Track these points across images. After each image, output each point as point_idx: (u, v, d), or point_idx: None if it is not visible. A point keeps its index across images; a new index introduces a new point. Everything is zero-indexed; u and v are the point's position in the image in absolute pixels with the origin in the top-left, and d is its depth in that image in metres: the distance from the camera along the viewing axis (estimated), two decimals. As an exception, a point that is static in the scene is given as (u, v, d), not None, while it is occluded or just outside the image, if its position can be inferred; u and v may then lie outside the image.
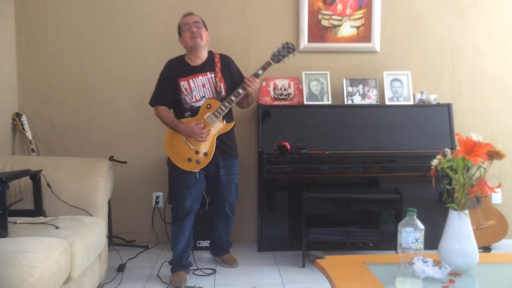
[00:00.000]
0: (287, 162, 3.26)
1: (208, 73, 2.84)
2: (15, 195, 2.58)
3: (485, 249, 3.35)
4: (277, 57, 2.86)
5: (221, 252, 3.17)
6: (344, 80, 3.55)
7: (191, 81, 2.83)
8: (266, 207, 3.37)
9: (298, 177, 3.29)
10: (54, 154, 3.55)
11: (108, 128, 3.61)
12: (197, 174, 2.77)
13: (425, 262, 1.65)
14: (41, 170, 2.54)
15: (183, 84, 2.82)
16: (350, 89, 3.55)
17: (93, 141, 3.60)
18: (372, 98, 3.54)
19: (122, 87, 3.60)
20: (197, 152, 2.76)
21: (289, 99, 3.55)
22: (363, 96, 3.55)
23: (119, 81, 3.59)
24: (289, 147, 3.24)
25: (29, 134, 3.35)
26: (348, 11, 3.62)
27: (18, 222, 2.30)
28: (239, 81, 2.88)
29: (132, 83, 3.60)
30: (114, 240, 3.43)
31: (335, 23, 3.63)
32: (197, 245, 3.39)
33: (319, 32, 3.63)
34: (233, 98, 2.79)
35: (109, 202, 2.83)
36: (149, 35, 3.59)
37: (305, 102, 3.49)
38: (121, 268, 3.00)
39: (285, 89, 3.55)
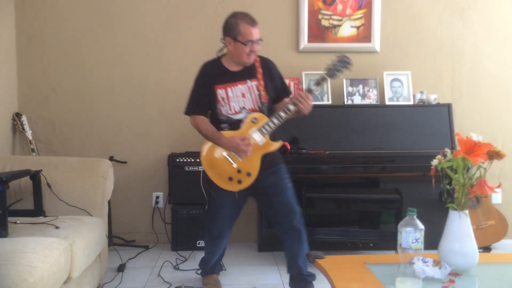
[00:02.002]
0: (287, 162, 3.21)
1: (248, 80, 2.51)
2: (15, 195, 2.58)
3: (485, 249, 3.35)
4: (332, 71, 2.53)
5: (303, 285, 2.64)
6: (344, 80, 3.54)
7: (229, 89, 2.50)
8: (266, 207, 3.37)
9: (298, 177, 3.28)
10: (54, 154, 3.55)
11: (108, 128, 3.61)
12: (236, 194, 2.47)
13: (425, 262, 1.65)
14: (41, 170, 2.54)
15: (220, 92, 2.50)
16: (350, 89, 3.55)
17: (93, 141, 3.60)
18: (372, 98, 3.54)
19: (122, 87, 3.60)
20: (239, 171, 2.45)
21: (289, 99, 3.54)
22: (363, 96, 3.55)
23: (119, 81, 3.60)
24: (289, 147, 3.24)
25: (29, 134, 3.35)
26: (348, 11, 3.62)
27: (18, 222, 2.30)
28: (281, 89, 2.64)
29: (132, 83, 3.60)
30: (114, 240, 3.43)
31: (335, 23, 3.63)
32: (197, 245, 3.39)
33: (319, 32, 3.63)
34: (282, 114, 2.43)
35: (109, 202, 2.83)
36: (149, 35, 3.59)
37: (305, 102, 3.49)
38: (121, 268, 3.00)
39: (285, 89, 3.54)
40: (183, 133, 3.62)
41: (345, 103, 3.53)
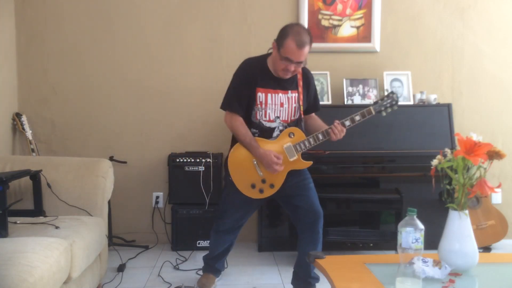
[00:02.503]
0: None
1: (289, 91, 2.46)
2: (15, 195, 2.58)
3: (485, 249, 3.35)
4: (379, 106, 2.50)
5: (305, 286, 2.63)
6: (344, 80, 3.55)
7: (269, 95, 2.43)
8: (266, 207, 3.37)
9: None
10: (54, 154, 3.55)
11: (108, 128, 3.61)
12: (254, 201, 2.49)
13: (425, 262, 1.65)
14: (41, 170, 2.54)
15: (260, 96, 2.42)
16: (350, 89, 3.55)
17: (93, 141, 3.60)
18: (372, 98, 3.54)
19: (122, 87, 3.60)
20: (263, 181, 2.43)
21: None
22: (363, 96, 3.55)
23: (119, 81, 3.60)
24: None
25: (29, 134, 3.35)
26: (348, 11, 3.62)
27: (18, 222, 2.30)
28: (313, 103, 2.61)
29: (132, 83, 3.60)
30: (114, 240, 3.43)
31: (335, 23, 3.63)
32: (197, 245, 3.39)
33: (319, 32, 3.63)
34: (320, 137, 2.44)
35: (109, 202, 2.83)
36: (149, 35, 3.59)
37: (305, 102, 3.49)
38: (121, 268, 3.00)
39: (285, 89, 3.54)
40: (183, 133, 3.63)
41: (345, 103, 3.53)
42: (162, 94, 3.61)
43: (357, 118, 2.45)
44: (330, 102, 3.52)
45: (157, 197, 3.64)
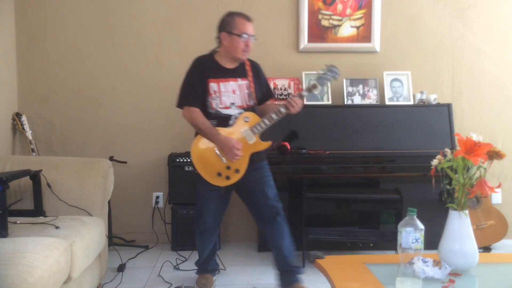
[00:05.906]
0: (287, 162, 3.26)
1: (239, 79, 2.60)
2: (15, 195, 2.58)
3: (485, 249, 3.35)
4: (323, 79, 2.65)
5: (290, 279, 2.61)
6: (344, 80, 3.55)
7: (221, 84, 2.57)
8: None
9: (298, 177, 3.29)
10: (54, 154, 3.55)
11: (108, 128, 3.61)
12: (222, 189, 2.56)
13: (425, 262, 1.65)
14: (41, 170, 2.54)
15: (213, 85, 2.56)
16: (350, 89, 3.55)
17: (93, 141, 3.60)
18: (372, 98, 3.54)
19: (122, 87, 3.60)
20: (228, 168, 2.51)
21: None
22: (363, 96, 3.55)
23: (119, 81, 3.60)
24: (289, 147, 3.24)
25: (29, 134, 3.35)
26: (348, 11, 3.62)
27: (18, 222, 2.30)
28: (266, 90, 2.74)
29: (132, 83, 3.60)
30: (114, 240, 3.43)
31: (335, 23, 3.63)
32: (197, 245, 3.39)
33: (319, 32, 3.63)
34: (274, 116, 2.53)
35: (109, 202, 2.83)
36: (149, 35, 3.59)
37: (306, 102, 3.49)
38: (121, 268, 3.00)
39: (285, 89, 3.55)
40: (183, 133, 3.62)
41: (345, 103, 3.53)
42: (162, 94, 3.61)
43: (305, 93, 2.62)
44: (330, 102, 3.52)
45: (157, 197, 3.64)
